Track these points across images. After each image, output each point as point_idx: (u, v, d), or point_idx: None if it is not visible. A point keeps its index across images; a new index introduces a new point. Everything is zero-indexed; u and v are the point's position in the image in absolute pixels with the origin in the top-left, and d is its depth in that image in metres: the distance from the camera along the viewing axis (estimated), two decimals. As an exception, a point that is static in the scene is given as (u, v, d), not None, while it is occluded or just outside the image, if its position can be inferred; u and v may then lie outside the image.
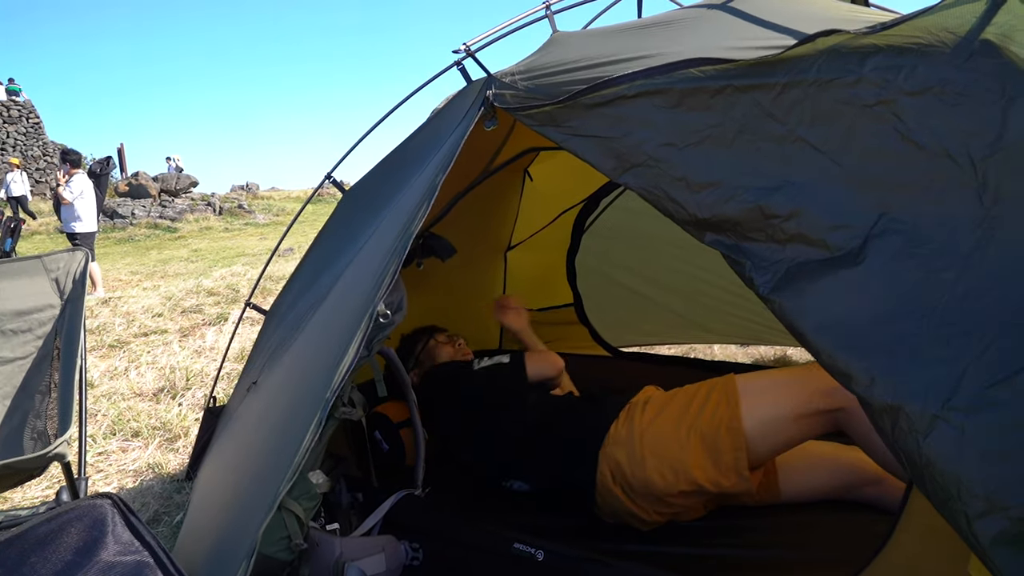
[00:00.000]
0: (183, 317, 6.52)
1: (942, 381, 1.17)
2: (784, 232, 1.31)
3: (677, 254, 3.44)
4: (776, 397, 1.96)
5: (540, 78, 1.67)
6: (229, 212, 20.25)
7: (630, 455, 2.06)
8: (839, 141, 1.29)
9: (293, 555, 1.71)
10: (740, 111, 1.36)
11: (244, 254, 12.70)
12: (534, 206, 3.63)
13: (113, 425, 3.68)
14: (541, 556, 1.76)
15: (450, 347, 2.78)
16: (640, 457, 2.03)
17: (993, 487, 1.10)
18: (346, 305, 1.76)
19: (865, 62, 1.27)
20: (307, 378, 1.70)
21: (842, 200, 1.28)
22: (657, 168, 1.43)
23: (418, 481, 2.17)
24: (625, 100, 1.47)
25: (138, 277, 10.19)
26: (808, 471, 2.17)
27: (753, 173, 1.35)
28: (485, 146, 2.68)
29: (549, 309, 3.84)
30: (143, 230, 17.16)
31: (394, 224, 1.75)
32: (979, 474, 1.11)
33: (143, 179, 19.59)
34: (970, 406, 1.14)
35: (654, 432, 2.06)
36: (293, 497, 1.75)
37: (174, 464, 3.22)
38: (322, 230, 2.52)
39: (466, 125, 1.73)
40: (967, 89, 1.20)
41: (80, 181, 8.38)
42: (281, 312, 2.45)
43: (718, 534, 2.04)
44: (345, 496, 2.07)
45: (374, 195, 2.24)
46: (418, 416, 2.26)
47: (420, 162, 1.97)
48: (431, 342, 2.78)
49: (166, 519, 2.68)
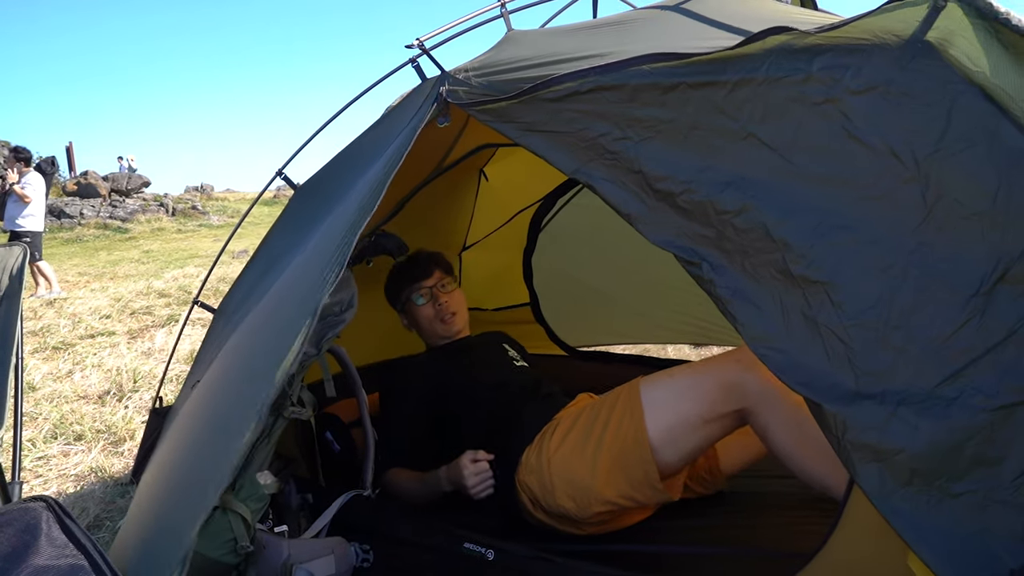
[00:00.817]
0: (132, 319, 6.37)
1: (896, 381, 1.20)
2: (734, 227, 1.32)
3: (632, 254, 3.44)
4: (679, 404, 1.90)
5: (494, 74, 1.66)
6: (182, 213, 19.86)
7: (541, 483, 2.01)
8: (789, 138, 1.31)
9: (239, 558, 1.66)
10: (693, 107, 1.37)
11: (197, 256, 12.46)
12: (490, 206, 3.62)
13: (55, 428, 3.57)
14: (491, 555, 1.75)
15: (430, 308, 2.54)
16: (551, 485, 1.98)
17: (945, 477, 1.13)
18: (291, 301, 1.72)
19: (813, 61, 1.28)
20: (249, 375, 1.66)
21: (791, 197, 1.30)
22: (613, 161, 1.43)
23: (367, 482, 2.13)
24: (579, 96, 1.47)
25: (86, 278, 9.92)
26: (744, 446, 2.21)
27: (705, 168, 1.36)
28: (438, 143, 2.67)
29: (505, 309, 3.84)
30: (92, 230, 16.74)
31: (343, 220, 1.73)
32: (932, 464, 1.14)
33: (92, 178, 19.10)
34: (922, 404, 1.17)
35: (560, 458, 2.00)
36: (240, 498, 1.71)
37: (118, 468, 3.13)
38: (272, 227, 2.47)
39: (418, 121, 1.71)
40: (910, 89, 1.22)
41: (35, 179, 8.15)
42: (230, 310, 2.39)
43: (669, 532, 2.05)
44: (294, 498, 2.02)
45: (325, 192, 2.21)
46: (368, 416, 2.23)
47: (372, 158, 1.95)
48: (412, 296, 2.57)
49: (108, 524, 2.60)
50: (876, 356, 1.22)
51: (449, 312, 2.54)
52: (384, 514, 2.02)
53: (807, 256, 1.27)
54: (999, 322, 1.15)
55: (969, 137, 1.18)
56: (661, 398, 1.93)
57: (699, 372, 1.98)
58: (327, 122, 2.42)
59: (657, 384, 1.98)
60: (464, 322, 2.62)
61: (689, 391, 1.92)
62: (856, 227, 1.25)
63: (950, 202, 1.19)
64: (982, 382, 1.15)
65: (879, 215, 1.24)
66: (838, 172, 1.28)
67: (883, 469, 1.18)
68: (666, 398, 1.93)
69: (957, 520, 1.14)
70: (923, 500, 1.15)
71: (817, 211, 1.28)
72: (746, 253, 1.32)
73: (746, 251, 1.32)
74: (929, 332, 1.19)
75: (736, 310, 1.33)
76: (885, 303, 1.22)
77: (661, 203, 1.41)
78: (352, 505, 1.99)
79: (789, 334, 1.29)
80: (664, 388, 1.96)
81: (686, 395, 1.91)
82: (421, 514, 2.12)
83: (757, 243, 1.31)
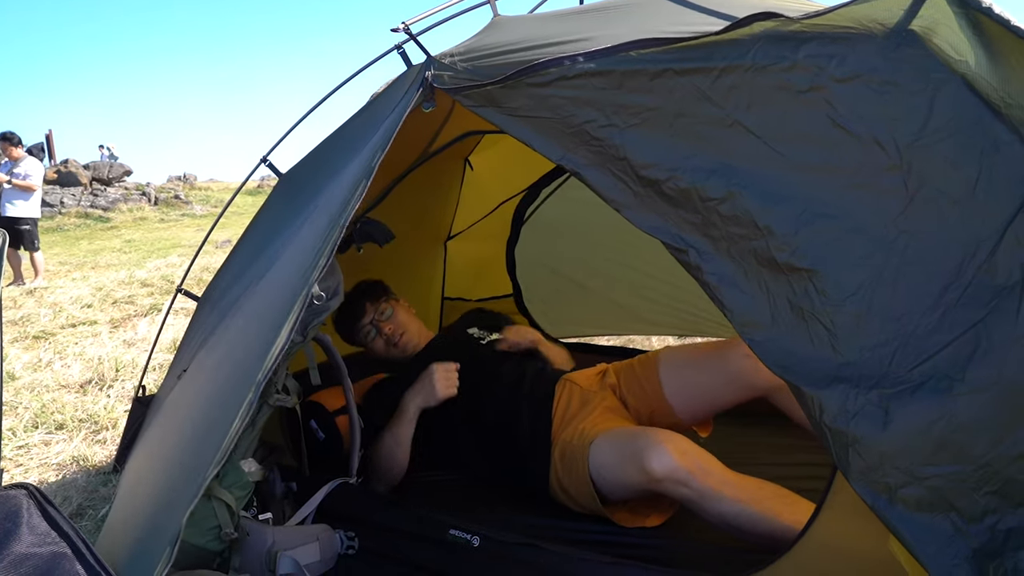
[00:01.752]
0: (114, 308, 6.30)
1: (872, 366, 1.21)
2: (720, 214, 1.33)
3: (616, 245, 3.46)
4: (621, 457, 1.92)
5: (480, 59, 1.65)
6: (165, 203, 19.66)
7: (570, 457, 2.09)
8: (774, 126, 1.32)
9: (223, 545, 1.66)
10: (679, 94, 1.38)
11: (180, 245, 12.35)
12: (475, 196, 3.61)
13: (35, 418, 3.53)
14: (477, 542, 1.75)
15: (379, 340, 2.61)
16: (579, 460, 2.04)
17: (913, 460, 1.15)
18: (279, 288, 1.71)
19: (799, 49, 1.29)
20: (237, 363, 1.65)
21: (776, 184, 1.31)
22: (599, 148, 1.43)
23: (353, 470, 2.13)
24: (566, 81, 1.47)
25: (67, 268, 9.81)
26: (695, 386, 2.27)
27: (691, 155, 1.37)
28: (423, 129, 2.66)
29: (489, 300, 3.83)
30: (73, 219, 16.53)
31: (330, 207, 1.72)
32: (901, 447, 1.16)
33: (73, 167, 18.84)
34: (896, 387, 1.19)
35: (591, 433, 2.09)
36: (225, 486, 1.71)
37: (101, 457, 3.11)
38: (257, 214, 2.46)
39: (404, 106, 1.70)
40: (894, 78, 1.24)
41: (34, 165, 7.79)
42: (214, 298, 2.38)
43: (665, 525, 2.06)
44: (279, 486, 2.02)
45: (310, 179, 2.20)
46: (354, 403, 2.22)
47: (357, 145, 1.94)
48: (360, 337, 2.66)
49: (90, 512, 2.58)
50: (857, 341, 1.23)
51: (397, 335, 2.60)
52: (369, 502, 2.03)
53: (791, 243, 1.28)
54: (974, 309, 1.17)
55: (951, 126, 1.20)
56: (607, 446, 1.99)
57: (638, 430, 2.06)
58: (312, 108, 2.40)
59: (610, 427, 2.11)
60: (418, 333, 2.66)
61: (629, 441, 1.96)
62: (839, 215, 1.27)
63: (931, 190, 1.21)
64: (952, 367, 1.17)
65: (862, 203, 1.26)
66: (822, 160, 1.29)
67: (856, 452, 1.21)
68: (612, 446, 1.98)
69: (924, 502, 1.16)
70: (893, 482, 1.18)
71: (801, 199, 1.29)
72: (732, 240, 1.33)
73: (732, 238, 1.33)
74: (907, 318, 1.21)
75: (724, 296, 1.34)
76: (867, 290, 1.24)
77: (647, 190, 1.41)
78: (338, 493, 1.99)
79: (775, 320, 1.30)
80: (611, 437, 2.03)
81: (626, 447, 1.94)
82: (406, 501, 2.12)
83: (743, 230, 1.32)
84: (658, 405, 2.30)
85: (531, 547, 1.72)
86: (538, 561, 1.71)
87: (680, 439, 1.85)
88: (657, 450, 1.79)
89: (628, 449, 1.90)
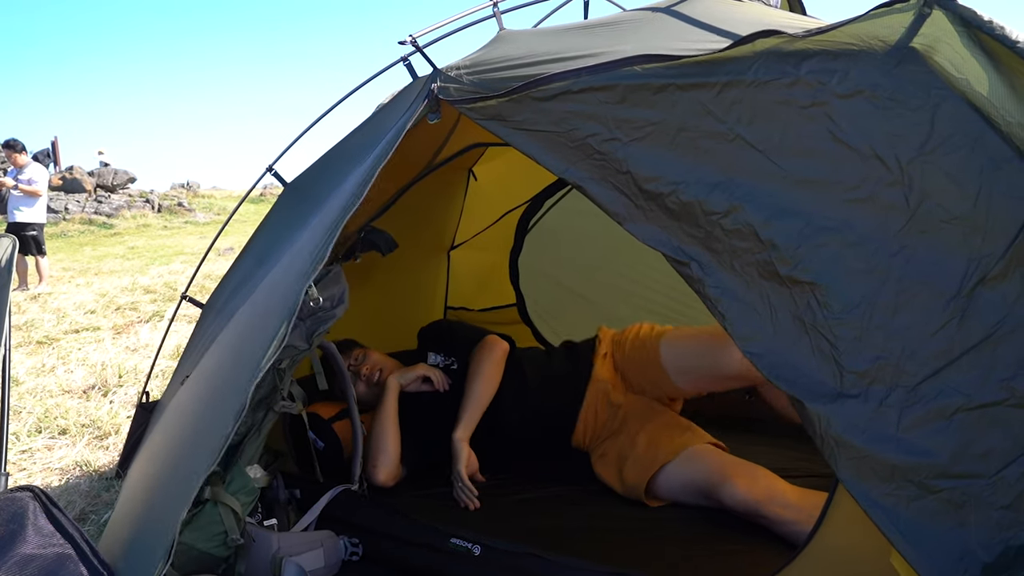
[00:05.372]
0: (117, 314, 6.33)
1: (877, 380, 1.22)
2: (722, 228, 1.34)
3: (619, 256, 3.48)
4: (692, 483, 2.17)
5: (486, 72, 1.67)
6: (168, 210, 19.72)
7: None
8: (776, 140, 1.33)
9: (229, 551, 1.67)
10: (681, 109, 1.39)
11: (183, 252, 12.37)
12: (478, 206, 3.63)
13: (39, 422, 3.54)
14: (478, 551, 1.76)
15: (362, 384, 2.61)
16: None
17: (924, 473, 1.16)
18: (275, 295, 1.73)
19: (801, 65, 1.31)
20: (232, 367, 1.66)
21: (778, 198, 1.32)
22: (602, 161, 1.45)
23: (355, 476, 2.14)
24: (570, 95, 1.49)
25: (70, 273, 9.83)
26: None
27: (693, 170, 1.38)
28: (428, 140, 2.68)
29: (492, 309, 3.84)
30: (77, 225, 16.57)
31: (331, 215, 1.74)
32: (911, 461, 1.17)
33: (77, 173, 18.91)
34: (904, 402, 1.20)
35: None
36: (230, 492, 1.72)
37: (103, 462, 3.11)
38: (262, 223, 2.47)
39: (408, 117, 1.72)
40: (896, 94, 1.25)
41: (39, 171, 7.89)
42: (219, 305, 2.39)
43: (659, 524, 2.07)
44: (283, 492, 2.03)
45: (315, 188, 2.21)
46: (356, 411, 2.24)
47: (362, 155, 1.96)
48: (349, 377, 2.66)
49: (93, 517, 2.59)
50: (860, 355, 1.24)
51: (375, 375, 2.62)
52: (372, 509, 2.03)
53: (794, 257, 1.29)
54: (978, 323, 1.18)
55: (952, 142, 1.21)
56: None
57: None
58: (319, 118, 2.42)
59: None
60: (394, 369, 2.66)
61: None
62: (842, 229, 1.28)
63: (932, 205, 1.22)
64: (961, 382, 1.18)
65: (864, 217, 1.27)
66: (824, 175, 1.30)
67: (864, 465, 1.21)
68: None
69: (935, 516, 1.17)
70: (903, 496, 1.18)
71: (803, 213, 1.30)
72: (735, 253, 1.34)
73: (735, 251, 1.34)
74: (910, 333, 1.22)
75: (725, 309, 1.35)
76: (869, 304, 1.25)
77: (650, 203, 1.43)
78: (341, 499, 2.00)
79: (777, 333, 1.31)
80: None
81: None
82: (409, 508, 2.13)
83: (745, 244, 1.33)
84: (658, 378, 2.50)
85: (532, 556, 1.73)
86: (539, 570, 1.71)
87: (748, 470, 2.06)
88: (727, 485, 2.01)
89: (699, 477, 2.13)
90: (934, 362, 1.20)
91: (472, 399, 2.38)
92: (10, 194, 7.77)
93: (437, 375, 2.55)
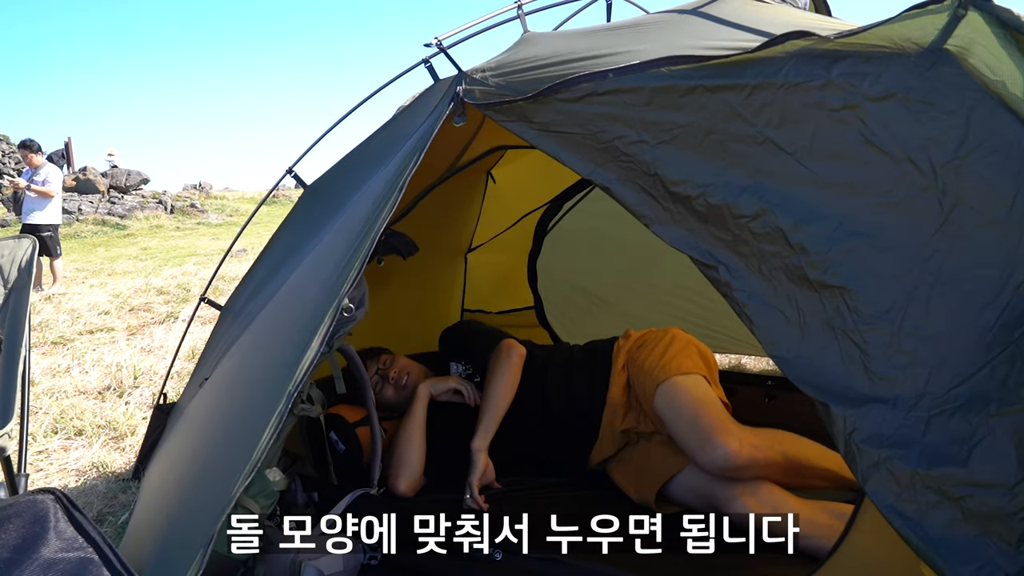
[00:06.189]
0: (131, 315, 6.35)
1: (908, 386, 1.20)
2: (751, 232, 1.33)
3: (638, 259, 3.46)
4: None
5: (511, 74, 1.66)
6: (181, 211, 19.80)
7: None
8: (806, 144, 1.31)
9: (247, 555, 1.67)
10: (710, 111, 1.38)
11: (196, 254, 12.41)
12: (496, 208, 3.62)
13: (55, 423, 3.55)
14: (499, 556, 1.75)
15: (390, 388, 2.63)
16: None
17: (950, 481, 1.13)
18: (306, 300, 1.72)
19: (832, 67, 1.29)
20: (266, 373, 1.66)
21: (808, 202, 1.31)
22: (629, 164, 1.44)
23: (374, 480, 2.13)
24: (597, 97, 1.47)
25: (84, 274, 9.87)
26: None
27: (722, 172, 1.37)
28: (452, 143, 2.67)
29: (510, 312, 3.84)
30: (90, 226, 16.66)
31: (358, 218, 1.73)
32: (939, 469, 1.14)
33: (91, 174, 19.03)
34: (933, 409, 1.18)
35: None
36: (251, 495, 1.71)
37: (120, 463, 3.12)
38: (281, 225, 2.47)
39: (434, 120, 1.72)
40: (929, 97, 1.23)
41: (54, 172, 7.89)
42: (237, 308, 2.39)
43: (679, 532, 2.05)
44: (301, 495, 2.02)
45: (336, 191, 2.21)
46: (375, 414, 2.23)
47: (385, 157, 1.95)
48: (372, 380, 2.66)
49: (110, 519, 2.59)
50: (890, 361, 1.22)
51: (403, 377, 2.63)
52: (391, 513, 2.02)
53: (824, 261, 1.27)
54: (1010, 330, 1.15)
55: (987, 145, 1.19)
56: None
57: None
58: (341, 118, 2.43)
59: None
60: (421, 373, 2.68)
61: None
62: (873, 233, 1.26)
63: (966, 210, 1.20)
64: (990, 388, 1.15)
65: (895, 222, 1.25)
66: (855, 178, 1.28)
67: (887, 472, 1.19)
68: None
69: (957, 524, 1.14)
70: (925, 503, 1.16)
71: (834, 217, 1.28)
72: (763, 257, 1.33)
73: (763, 255, 1.33)
74: (942, 338, 1.19)
75: (753, 313, 1.33)
76: (900, 309, 1.22)
77: (677, 206, 1.41)
78: (359, 503, 1.99)
79: (805, 338, 1.29)
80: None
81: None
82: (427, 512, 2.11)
83: (775, 248, 1.31)
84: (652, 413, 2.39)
85: (554, 562, 1.72)
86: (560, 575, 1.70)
87: (752, 487, 2.01)
88: (734, 502, 1.98)
89: (706, 491, 2.09)
90: (964, 369, 1.17)
91: (489, 408, 2.36)
92: (25, 195, 7.81)
93: (469, 389, 2.52)
